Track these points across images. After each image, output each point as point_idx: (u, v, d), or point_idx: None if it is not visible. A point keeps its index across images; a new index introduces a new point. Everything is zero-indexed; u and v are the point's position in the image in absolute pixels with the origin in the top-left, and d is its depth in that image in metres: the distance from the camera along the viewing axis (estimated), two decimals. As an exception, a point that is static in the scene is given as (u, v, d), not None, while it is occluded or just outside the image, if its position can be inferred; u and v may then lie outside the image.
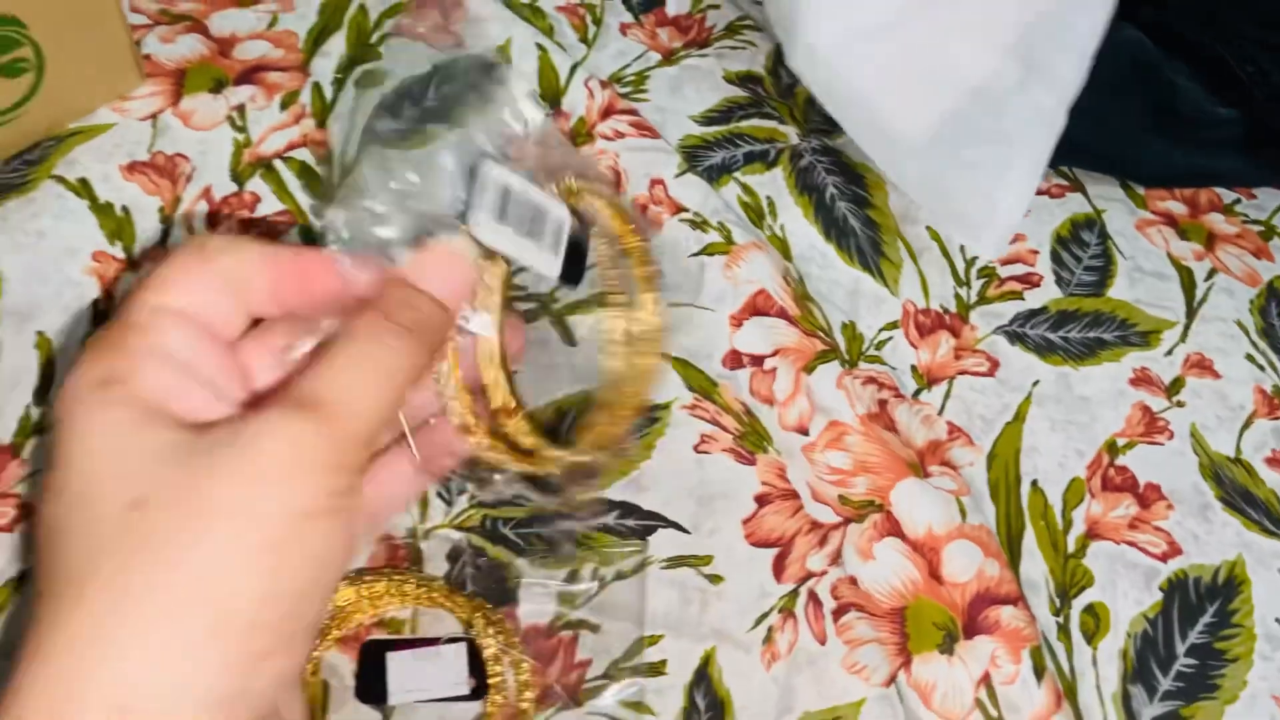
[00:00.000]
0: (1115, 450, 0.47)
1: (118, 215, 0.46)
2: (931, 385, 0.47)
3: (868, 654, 0.40)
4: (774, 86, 0.57)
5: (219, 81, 0.52)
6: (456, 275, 0.28)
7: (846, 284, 0.50)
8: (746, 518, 0.42)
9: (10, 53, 0.45)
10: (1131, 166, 0.55)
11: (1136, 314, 0.52)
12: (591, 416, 0.34)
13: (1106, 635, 0.42)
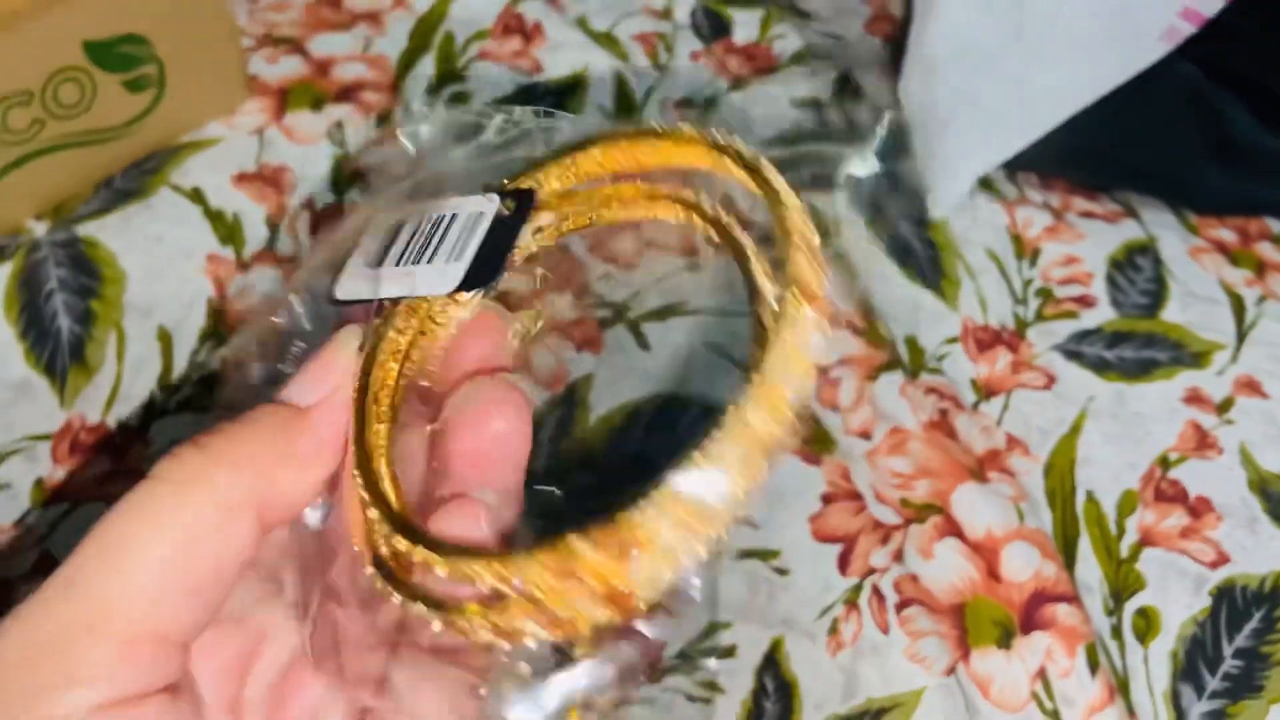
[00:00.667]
0: (1167, 464, 0.49)
1: (228, 221, 0.50)
2: (990, 397, 0.50)
3: (928, 645, 0.42)
4: (839, 112, 0.60)
5: (319, 99, 0.55)
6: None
7: (908, 300, 0.52)
8: (813, 515, 0.45)
9: (136, 69, 0.48)
10: (1186, 194, 0.57)
11: (1188, 336, 0.53)
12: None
13: (1158, 637, 0.43)
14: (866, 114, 0.59)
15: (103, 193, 0.50)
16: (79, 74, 0.46)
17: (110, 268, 0.47)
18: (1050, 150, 0.56)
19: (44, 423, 0.43)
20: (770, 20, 0.63)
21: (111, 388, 0.44)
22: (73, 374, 0.44)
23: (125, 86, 0.48)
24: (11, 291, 0.46)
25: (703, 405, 0.47)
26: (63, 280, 0.47)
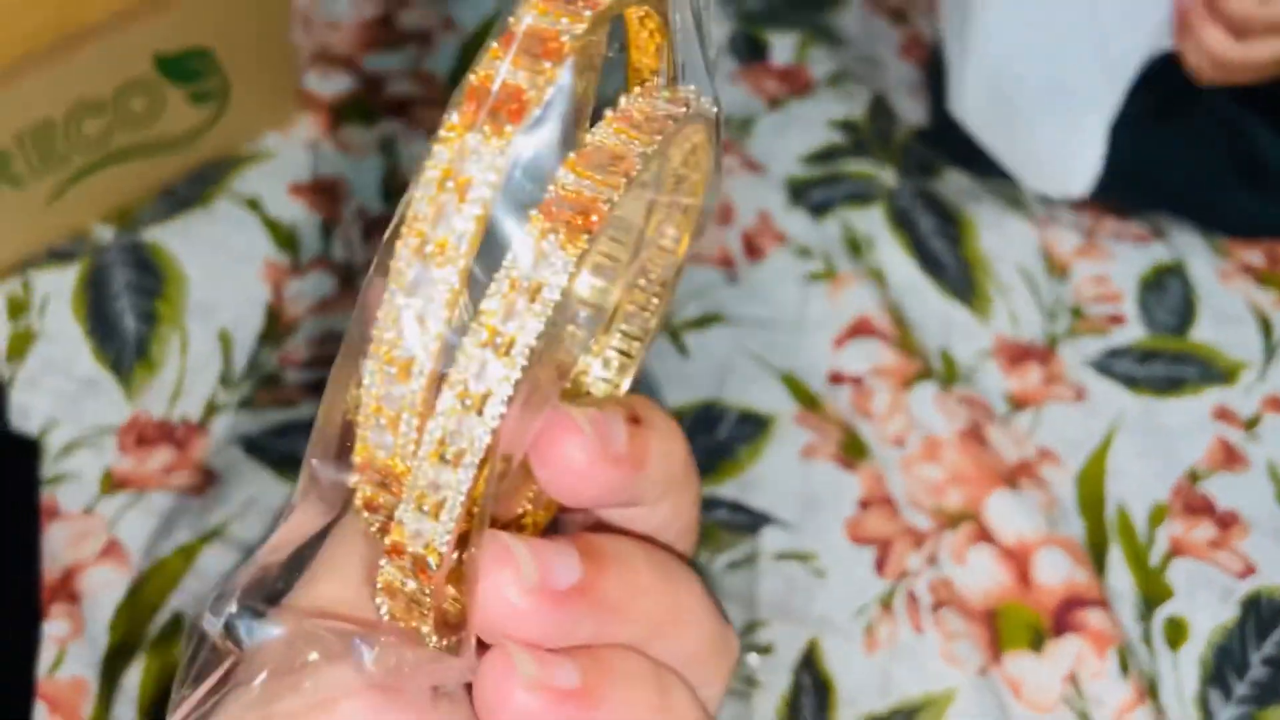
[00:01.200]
0: (1196, 477, 0.50)
1: (285, 229, 0.52)
2: (1022, 409, 0.51)
3: (961, 647, 0.43)
4: (872, 132, 0.61)
5: (370, 114, 0.57)
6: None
7: (941, 314, 0.54)
8: (848, 519, 0.46)
9: (202, 82, 0.51)
10: (1217, 217, 0.58)
11: (1216, 355, 0.55)
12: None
13: (1187, 643, 0.44)
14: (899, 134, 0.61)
15: (166, 200, 0.52)
16: (149, 86, 0.49)
17: (173, 271, 0.49)
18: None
19: (111, 416, 0.44)
20: (806, 44, 0.65)
21: (174, 384, 0.46)
22: (138, 371, 0.46)
23: (190, 99, 0.51)
24: (80, 292, 0.48)
25: (741, 412, 0.49)
26: (128, 282, 0.49)
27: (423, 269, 0.15)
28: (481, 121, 0.15)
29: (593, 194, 0.15)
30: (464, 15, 0.62)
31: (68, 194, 0.48)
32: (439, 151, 0.15)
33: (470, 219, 0.14)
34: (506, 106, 0.15)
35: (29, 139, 0.46)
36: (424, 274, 0.15)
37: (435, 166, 0.15)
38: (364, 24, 0.61)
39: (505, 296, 0.15)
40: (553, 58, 0.15)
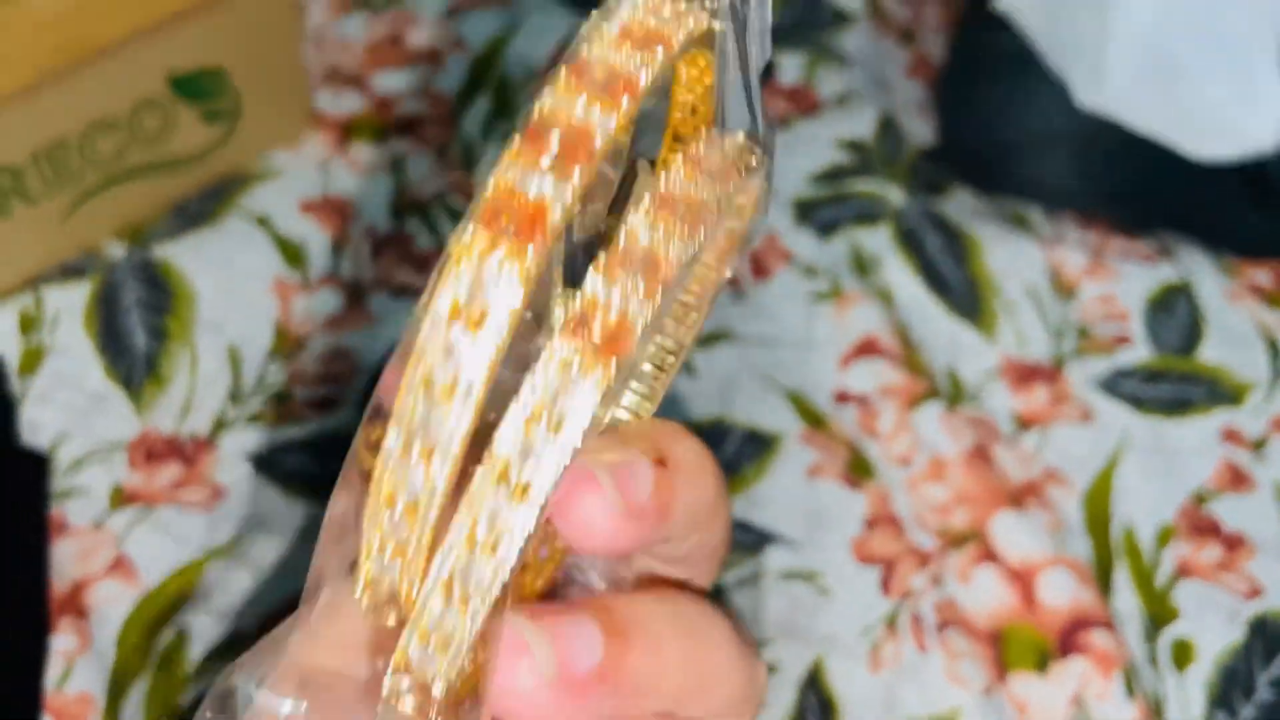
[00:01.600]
0: (1203, 498, 0.50)
1: (294, 246, 0.52)
2: (1028, 429, 0.51)
3: (966, 667, 0.43)
4: (880, 152, 0.62)
5: (380, 133, 0.58)
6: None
7: (947, 333, 0.54)
8: (854, 538, 0.46)
9: (214, 101, 0.51)
10: (1226, 236, 0.58)
11: (1224, 375, 0.54)
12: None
13: (1193, 665, 0.44)
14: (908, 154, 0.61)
15: (177, 217, 0.52)
16: (162, 104, 0.49)
17: (183, 288, 0.50)
18: (1093, 189, 0.57)
19: (121, 431, 0.45)
20: (814, 64, 0.65)
21: (184, 400, 0.46)
22: (148, 386, 0.46)
23: (203, 117, 0.51)
24: (91, 308, 0.48)
25: (747, 430, 0.49)
26: (139, 299, 0.49)
27: (429, 408, 0.13)
28: (501, 241, 0.13)
29: (621, 312, 0.14)
30: (472, 34, 0.63)
31: (81, 211, 0.49)
32: (454, 272, 0.13)
33: (485, 358, 0.13)
34: (532, 222, 0.13)
35: (44, 156, 0.46)
36: (430, 413, 0.13)
37: (448, 292, 0.13)
38: (374, 43, 0.62)
39: (521, 428, 0.13)
40: (585, 159, 0.14)
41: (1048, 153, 0.56)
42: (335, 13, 0.63)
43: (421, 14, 0.64)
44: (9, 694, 0.39)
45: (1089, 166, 0.56)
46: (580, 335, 0.14)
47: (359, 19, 0.63)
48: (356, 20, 0.63)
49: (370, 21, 0.63)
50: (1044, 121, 0.55)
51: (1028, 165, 0.57)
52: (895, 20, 0.70)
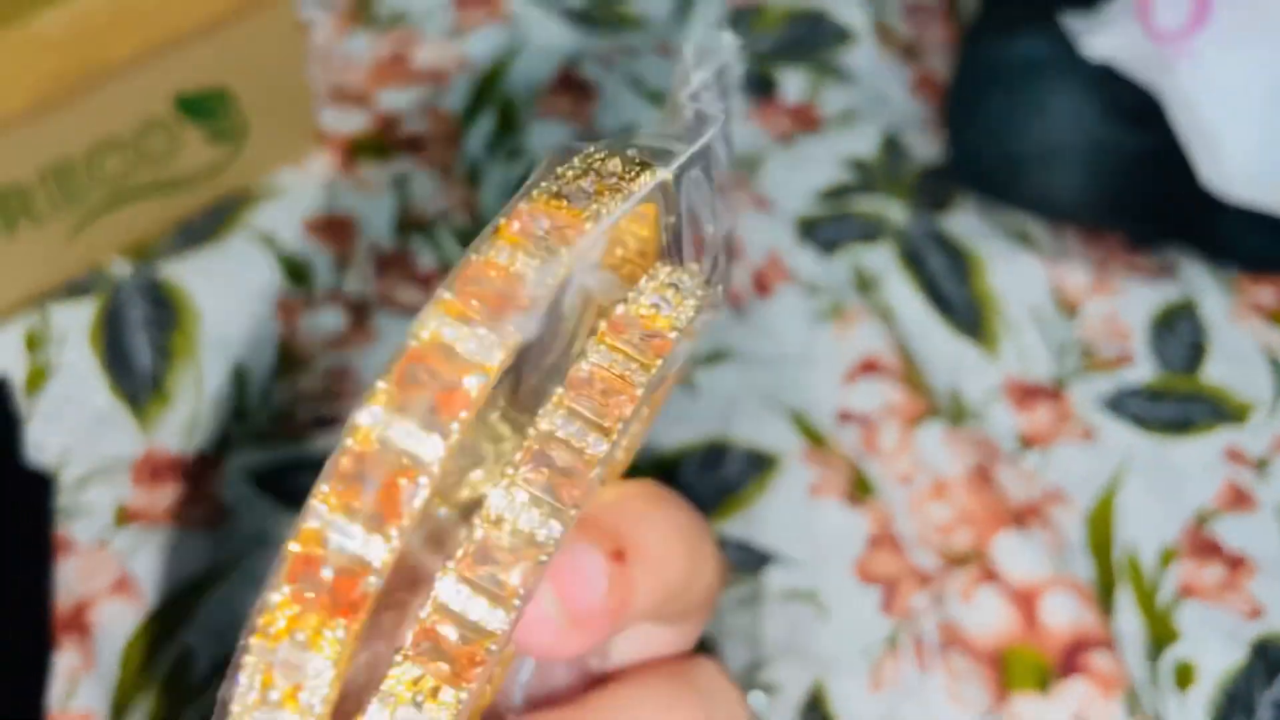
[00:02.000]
0: (1205, 519, 0.49)
1: (299, 265, 0.52)
2: (1030, 449, 0.51)
3: (968, 688, 0.43)
4: (883, 170, 0.62)
5: (384, 151, 0.58)
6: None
7: (950, 352, 0.54)
8: (855, 558, 0.46)
9: (220, 121, 0.52)
10: (1229, 250, 0.58)
11: (1226, 395, 0.54)
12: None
13: (1195, 686, 0.44)
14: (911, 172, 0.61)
15: (182, 236, 0.53)
16: (168, 125, 0.49)
17: (188, 306, 0.50)
18: (1100, 202, 0.57)
19: (125, 449, 0.45)
20: (816, 81, 0.65)
21: (189, 418, 0.46)
22: (153, 404, 0.47)
23: (209, 136, 0.52)
24: (97, 326, 0.49)
25: (748, 449, 0.49)
26: (144, 317, 0.49)
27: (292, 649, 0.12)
28: (415, 407, 0.12)
29: (528, 536, 0.13)
30: (476, 53, 0.63)
31: (87, 230, 0.49)
32: (363, 427, 0.12)
33: (386, 551, 0.12)
34: (448, 400, 0.12)
35: (50, 176, 0.47)
36: (292, 654, 0.12)
37: (352, 448, 0.12)
38: (378, 62, 0.62)
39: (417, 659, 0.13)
40: (513, 309, 0.13)
41: (1055, 165, 0.56)
42: (340, 32, 0.64)
43: (426, 33, 0.64)
44: (12, 712, 0.39)
45: (1096, 179, 0.56)
46: (474, 566, 0.13)
47: (363, 38, 0.63)
48: (361, 39, 0.63)
49: (375, 40, 0.63)
50: (1051, 134, 0.55)
51: (1035, 178, 0.56)
52: (898, 37, 0.70)
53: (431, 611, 0.13)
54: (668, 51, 0.66)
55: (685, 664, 0.18)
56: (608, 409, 0.14)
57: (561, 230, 0.14)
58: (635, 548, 0.16)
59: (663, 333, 0.15)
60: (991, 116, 0.57)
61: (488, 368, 0.13)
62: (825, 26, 0.70)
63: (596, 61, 0.63)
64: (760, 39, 0.68)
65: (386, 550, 0.12)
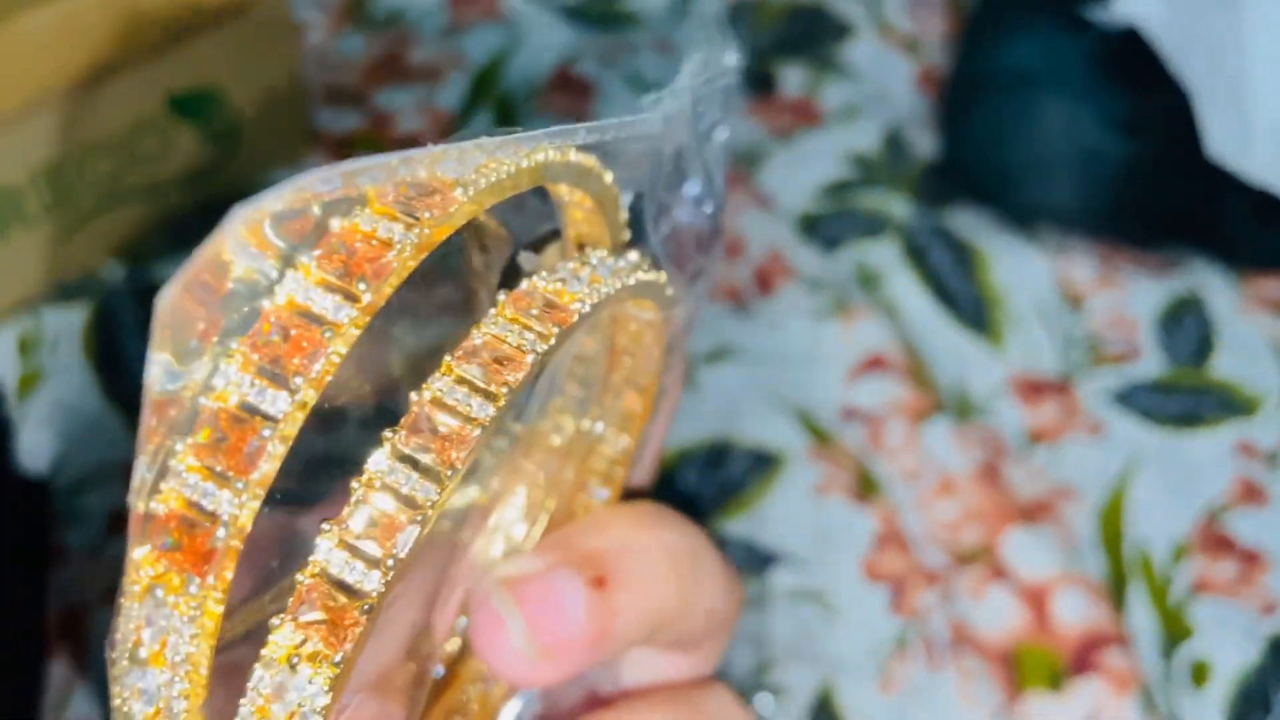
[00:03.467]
0: (1217, 513, 0.49)
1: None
2: (1038, 444, 0.50)
3: (979, 687, 0.42)
4: (884, 165, 0.61)
5: (380, 150, 0.57)
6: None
7: (955, 348, 0.53)
8: (862, 556, 0.45)
9: (214, 121, 0.51)
10: (1233, 250, 0.58)
11: (1236, 388, 0.54)
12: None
13: (1209, 683, 0.43)
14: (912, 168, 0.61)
15: (176, 237, 0.52)
16: (160, 126, 0.49)
17: (183, 308, 0.49)
18: (1100, 210, 0.57)
19: (119, 455, 0.44)
20: (817, 77, 0.65)
21: (183, 422, 0.46)
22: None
23: (203, 137, 0.51)
24: (90, 330, 0.48)
25: (752, 447, 0.48)
26: (138, 320, 0.49)
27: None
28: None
29: (408, 498, 0.13)
30: (472, 51, 0.63)
31: (79, 233, 0.49)
32: (218, 389, 0.13)
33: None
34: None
35: (41, 178, 0.46)
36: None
37: (207, 406, 0.13)
38: (374, 61, 0.62)
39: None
40: (374, 274, 0.13)
41: (1052, 174, 0.56)
42: (334, 31, 0.63)
43: (421, 31, 0.63)
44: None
45: (1095, 188, 0.55)
46: (307, 620, 0.13)
47: (359, 37, 0.63)
48: (356, 38, 0.63)
49: (370, 39, 0.63)
50: (1048, 143, 0.55)
51: (1029, 188, 0.56)
52: (899, 32, 0.69)
53: (310, 574, 0.13)
54: (666, 49, 0.65)
55: (695, 690, 0.17)
56: (496, 375, 0.14)
57: (428, 199, 0.14)
58: (619, 574, 0.15)
59: (565, 306, 0.15)
60: (984, 126, 0.56)
61: (338, 325, 0.13)
62: (825, 21, 0.69)
63: (594, 59, 0.63)
64: (760, 34, 0.67)
65: (234, 505, 0.13)
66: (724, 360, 0.51)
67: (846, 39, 0.68)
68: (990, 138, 0.56)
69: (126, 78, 0.47)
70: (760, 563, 0.45)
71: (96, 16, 0.45)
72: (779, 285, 0.54)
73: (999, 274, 0.56)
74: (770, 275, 0.55)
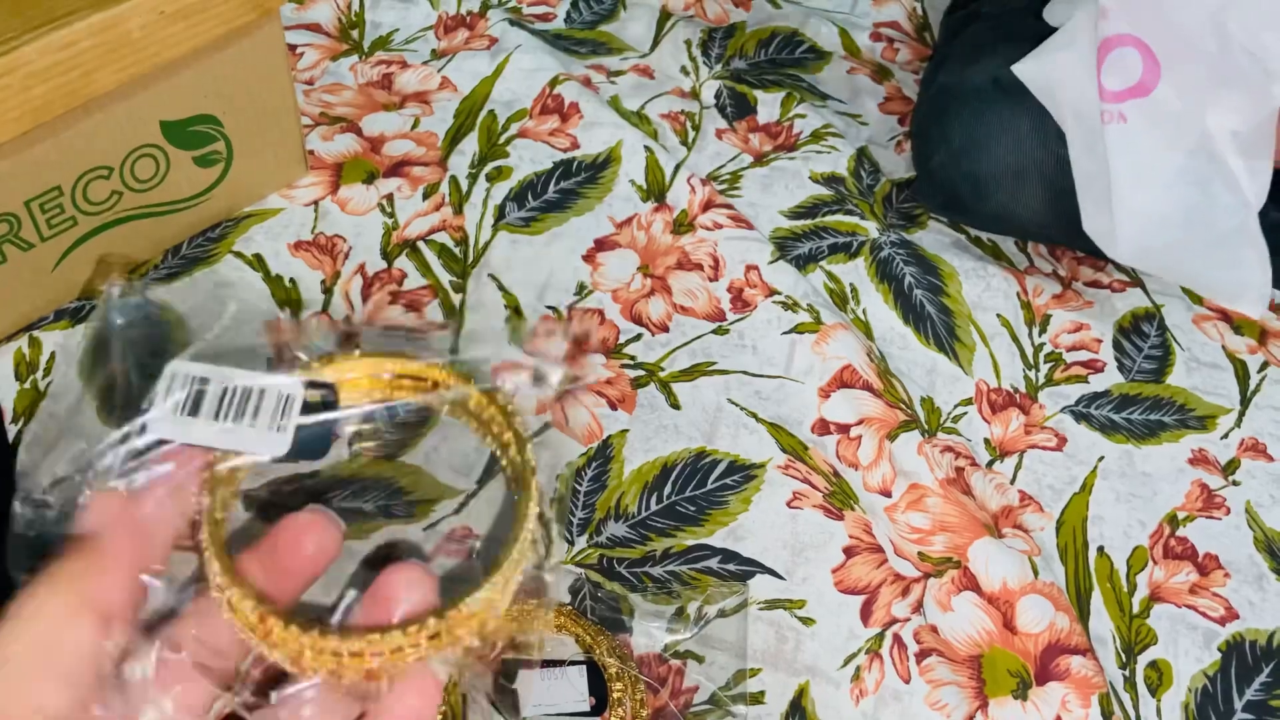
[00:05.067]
0: (1176, 522, 0.51)
1: (286, 285, 0.53)
2: (1004, 457, 0.52)
3: (948, 694, 0.44)
4: (855, 186, 0.63)
5: (371, 174, 0.59)
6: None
7: (924, 363, 0.55)
8: (836, 567, 0.47)
9: (207, 146, 0.52)
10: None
11: (1194, 400, 0.56)
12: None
13: (1169, 689, 0.45)
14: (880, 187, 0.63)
15: (171, 258, 0.53)
16: (155, 151, 0.50)
17: (178, 329, 0.51)
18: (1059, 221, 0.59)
19: (116, 473, 0.45)
20: (791, 101, 0.67)
21: (178, 441, 0.47)
22: (142, 428, 0.47)
23: (196, 161, 0.52)
24: (86, 351, 0.49)
25: (730, 461, 0.50)
26: (133, 341, 0.50)
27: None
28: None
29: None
30: (460, 76, 0.64)
31: (75, 255, 0.50)
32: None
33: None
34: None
35: (38, 205, 0.47)
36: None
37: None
38: (364, 86, 0.63)
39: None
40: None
41: (1020, 185, 0.58)
42: (326, 57, 0.64)
43: (410, 57, 0.65)
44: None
45: (1061, 198, 0.57)
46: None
47: (349, 62, 0.64)
48: (347, 64, 0.64)
49: (360, 65, 0.64)
50: (1016, 154, 0.57)
51: (999, 197, 0.58)
52: (869, 56, 0.72)
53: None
54: (647, 73, 0.67)
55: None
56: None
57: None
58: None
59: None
60: (957, 137, 0.58)
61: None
62: (798, 46, 0.71)
63: (577, 82, 0.64)
64: (737, 60, 0.69)
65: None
66: (703, 376, 0.53)
67: (820, 64, 0.70)
68: (960, 150, 0.58)
69: (121, 105, 0.48)
70: (739, 574, 0.46)
71: (90, 45, 0.46)
72: (755, 303, 0.56)
73: (966, 291, 0.58)
74: (747, 293, 0.56)
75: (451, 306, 0.54)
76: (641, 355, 0.53)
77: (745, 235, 0.58)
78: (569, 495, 0.48)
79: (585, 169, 0.61)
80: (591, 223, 0.59)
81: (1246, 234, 0.52)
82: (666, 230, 0.59)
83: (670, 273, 0.57)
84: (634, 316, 0.55)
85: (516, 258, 0.56)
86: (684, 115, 0.65)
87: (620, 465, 0.49)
